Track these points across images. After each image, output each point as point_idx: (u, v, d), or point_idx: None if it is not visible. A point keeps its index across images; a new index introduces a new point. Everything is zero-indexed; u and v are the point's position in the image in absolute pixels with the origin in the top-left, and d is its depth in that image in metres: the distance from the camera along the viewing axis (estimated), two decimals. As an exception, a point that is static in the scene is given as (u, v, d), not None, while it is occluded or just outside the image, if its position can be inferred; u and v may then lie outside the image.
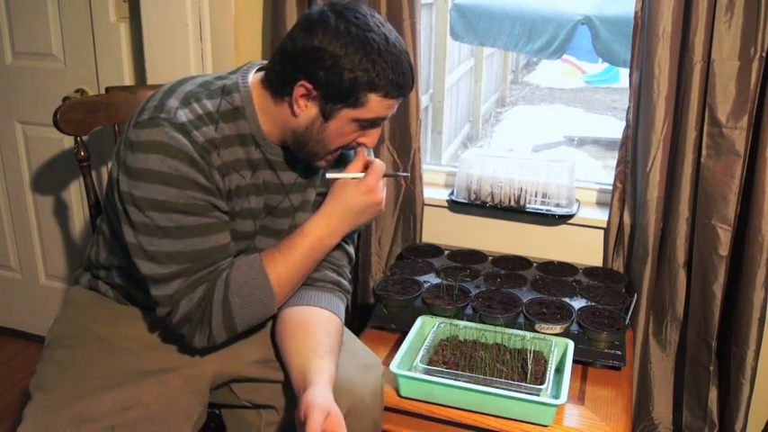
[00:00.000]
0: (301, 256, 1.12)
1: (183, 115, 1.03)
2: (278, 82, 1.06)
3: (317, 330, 1.13)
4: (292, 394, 1.07)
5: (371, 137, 1.11)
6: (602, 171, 4.64)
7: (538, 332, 1.45)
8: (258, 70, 1.14)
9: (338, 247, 1.26)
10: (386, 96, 1.03)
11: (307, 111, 1.05)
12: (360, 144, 1.12)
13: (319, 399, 0.96)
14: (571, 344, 1.40)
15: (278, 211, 1.18)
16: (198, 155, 1.02)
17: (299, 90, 1.03)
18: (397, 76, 1.02)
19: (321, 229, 1.14)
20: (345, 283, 1.27)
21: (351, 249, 1.29)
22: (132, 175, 1.01)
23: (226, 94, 1.09)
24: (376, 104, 1.04)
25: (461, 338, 1.45)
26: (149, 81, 1.84)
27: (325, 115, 1.05)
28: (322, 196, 1.20)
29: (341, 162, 1.20)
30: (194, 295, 1.05)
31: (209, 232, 1.05)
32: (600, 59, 5.43)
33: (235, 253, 1.16)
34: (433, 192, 1.97)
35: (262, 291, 1.09)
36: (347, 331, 1.31)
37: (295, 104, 1.05)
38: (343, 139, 1.09)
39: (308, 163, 1.16)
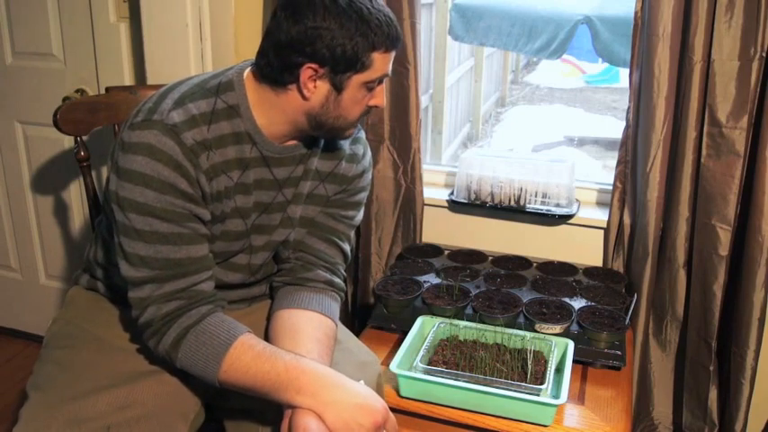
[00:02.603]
0: (267, 371, 1.01)
1: (176, 116, 1.04)
2: (278, 73, 1.07)
3: (306, 338, 1.13)
4: None
5: (379, 96, 1.13)
6: (602, 171, 4.64)
7: (538, 332, 1.45)
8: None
9: (333, 244, 1.27)
10: (387, 51, 1.07)
11: (318, 90, 1.07)
12: (372, 107, 1.13)
13: (313, 426, 0.96)
14: (571, 344, 1.40)
15: (272, 208, 1.19)
16: (185, 158, 1.03)
17: (305, 73, 1.05)
18: (391, 29, 1.06)
19: (304, 385, 0.99)
20: (339, 281, 1.27)
21: (346, 247, 1.29)
22: (119, 175, 1.03)
23: (221, 93, 1.10)
24: (380, 62, 1.07)
25: (461, 338, 1.45)
26: (149, 81, 1.84)
27: (338, 88, 1.07)
28: (319, 187, 1.22)
29: (334, 147, 1.23)
30: (164, 307, 1.05)
31: (183, 242, 1.05)
32: (600, 59, 5.43)
33: (230, 255, 1.17)
34: (433, 192, 1.97)
35: (212, 355, 1.03)
36: (344, 329, 1.30)
37: (304, 88, 1.06)
38: (359, 105, 1.11)
39: (306, 154, 1.18)
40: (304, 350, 1.09)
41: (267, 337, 1.19)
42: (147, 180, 1.01)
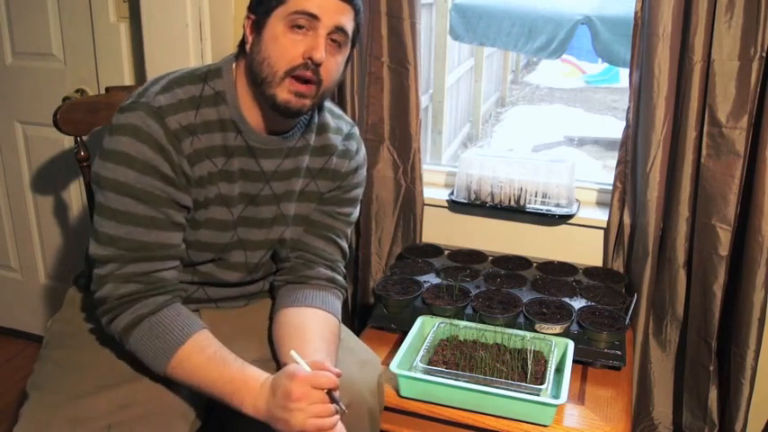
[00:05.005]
0: (215, 379, 1.04)
1: (163, 99, 1.06)
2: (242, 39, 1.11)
3: (313, 335, 1.13)
4: None
5: (308, 43, 1.04)
6: (602, 171, 4.65)
7: (538, 332, 1.45)
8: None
9: (331, 241, 1.27)
10: None
11: (252, 39, 1.09)
12: (306, 59, 1.04)
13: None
14: (571, 344, 1.40)
15: (259, 200, 1.18)
16: (168, 142, 1.04)
17: (246, 25, 1.09)
18: None
19: (251, 391, 1.03)
20: (340, 278, 1.27)
21: (344, 244, 1.29)
22: (103, 156, 1.05)
23: (209, 80, 1.11)
24: None
25: (461, 338, 1.45)
26: (149, 81, 1.84)
27: (261, 25, 1.06)
28: (310, 184, 1.22)
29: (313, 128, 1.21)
30: (122, 288, 1.05)
31: (154, 226, 1.06)
32: (600, 59, 5.43)
33: (221, 249, 1.17)
34: (433, 192, 1.97)
35: (162, 350, 1.04)
36: (345, 328, 1.30)
37: (246, 43, 1.09)
38: (280, 47, 1.04)
39: (291, 149, 1.17)
40: (312, 347, 1.10)
41: (273, 335, 1.19)
42: (129, 160, 1.02)
